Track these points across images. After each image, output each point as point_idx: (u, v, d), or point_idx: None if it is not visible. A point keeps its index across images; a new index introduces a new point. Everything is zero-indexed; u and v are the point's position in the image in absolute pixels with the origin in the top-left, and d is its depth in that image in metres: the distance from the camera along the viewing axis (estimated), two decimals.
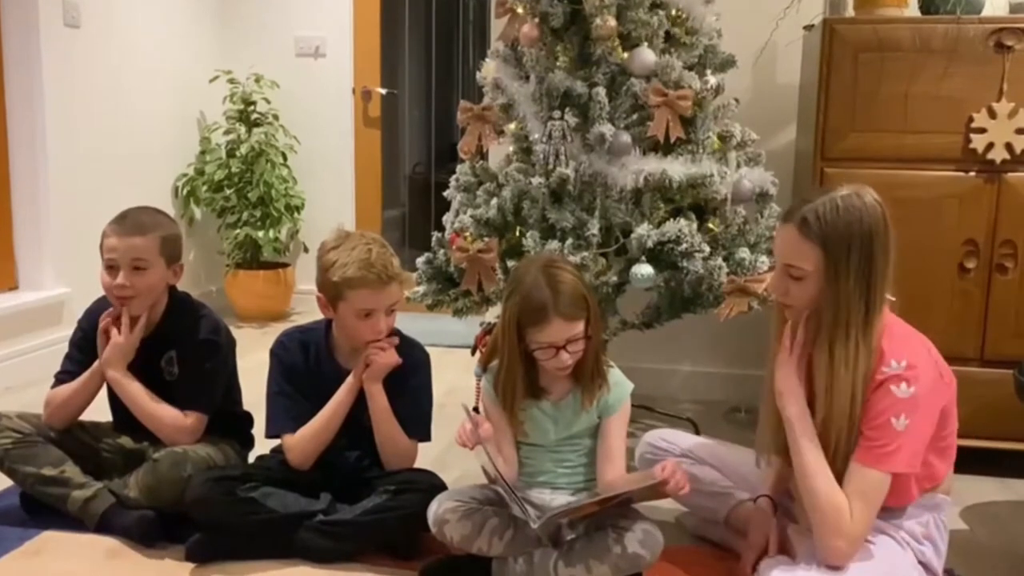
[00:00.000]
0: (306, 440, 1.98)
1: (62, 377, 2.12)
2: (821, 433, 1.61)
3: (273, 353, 2.06)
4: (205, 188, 4.26)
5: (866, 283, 1.56)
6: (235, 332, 2.21)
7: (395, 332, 2.02)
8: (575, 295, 1.71)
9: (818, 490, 1.58)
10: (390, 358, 1.97)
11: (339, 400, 1.98)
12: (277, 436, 2.03)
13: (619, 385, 1.83)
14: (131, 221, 2.05)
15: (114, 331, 2.05)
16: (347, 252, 1.92)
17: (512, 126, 2.39)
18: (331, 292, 1.94)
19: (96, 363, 2.08)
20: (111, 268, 2.04)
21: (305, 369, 2.03)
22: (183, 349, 2.10)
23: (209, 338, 2.10)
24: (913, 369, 1.55)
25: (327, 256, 1.95)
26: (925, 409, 1.57)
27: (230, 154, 4.32)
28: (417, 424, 2.02)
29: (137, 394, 2.05)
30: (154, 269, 2.05)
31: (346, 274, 1.90)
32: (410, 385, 2.02)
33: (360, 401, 1.98)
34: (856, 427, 1.58)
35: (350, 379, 1.98)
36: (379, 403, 1.97)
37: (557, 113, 2.26)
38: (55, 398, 2.09)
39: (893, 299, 1.66)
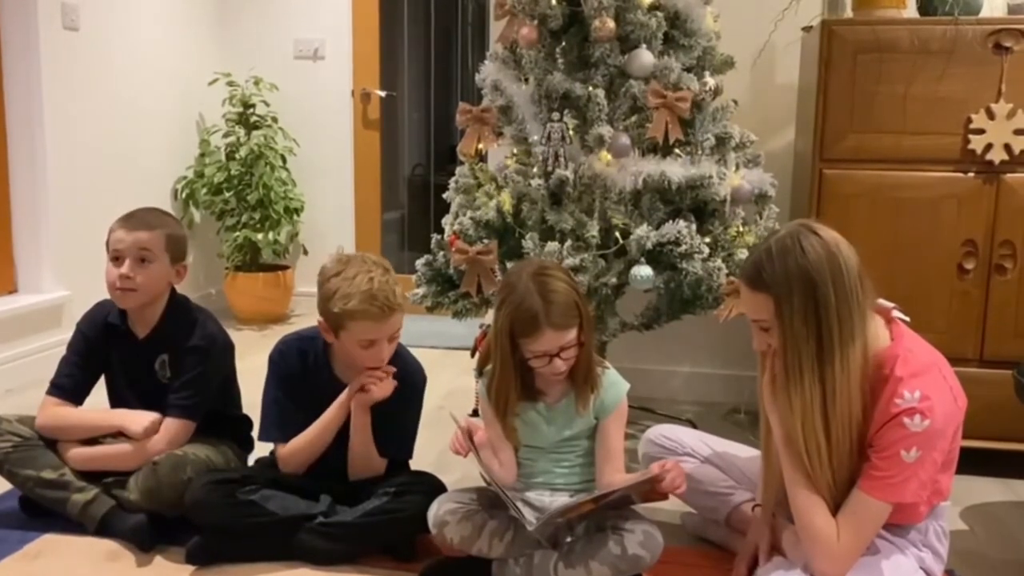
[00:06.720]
0: (297, 452, 1.99)
1: (60, 382, 2.10)
2: (800, 463, 1.60)
3: (271, 360, 2.05)
4: (204, 191, 4.26)
5: (815, 322, 1.53)
6: (234, 335, 2.20)
7: (396, 354, 1.99)
8: (567, 304, 1.70)
9: (802, 511, 1.59)
10: (385, 390, 1.95)
11: (330, 417, 1.98)
12: (269, 442, 2.04)
13: (615, 386, 1.82)
14: (139, 218, 2.08)
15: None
16: (348, 282, 1.87)
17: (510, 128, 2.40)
18: (332, 321, 1.91)
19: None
20: (116, 259, 2.04)
21: (302, 377, 2.03)
22: (174, 353, 2.09)
23: (198, 344, 2.08)
24: (928, 401, 1.52)
25: (328, 284, 1.90)
26: (939, 441, 1.55)
27: (229, 157, 4.32)
28: (396, 444, 2.02)
29: (98, 455, 2.05)
30: (158, 264, 2.05)
31: (347, 306, 1.86)
32: (400, 408, 2.00)
33: None
34: (835, 459, 1.57)
35: (343, 397, 1.97)
36: (361, 422, 1.96)
37: (556, 115, 2.26)
38: (49, 421, 2.07)
39: (907, 319, 1.66)
